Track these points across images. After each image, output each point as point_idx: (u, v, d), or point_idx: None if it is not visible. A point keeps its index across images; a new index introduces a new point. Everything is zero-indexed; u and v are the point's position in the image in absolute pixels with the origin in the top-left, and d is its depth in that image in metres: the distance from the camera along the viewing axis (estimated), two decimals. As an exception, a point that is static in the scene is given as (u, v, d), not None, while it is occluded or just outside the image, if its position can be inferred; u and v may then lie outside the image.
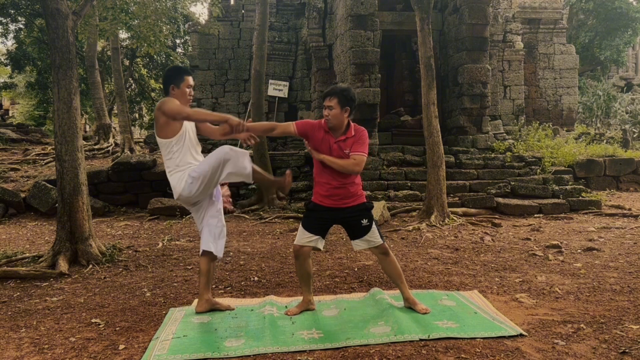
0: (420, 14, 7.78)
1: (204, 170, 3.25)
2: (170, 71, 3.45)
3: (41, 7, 5.34)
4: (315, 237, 3.40)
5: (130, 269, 4.95)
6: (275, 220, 8.13)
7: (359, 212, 3.35)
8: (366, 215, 3.36)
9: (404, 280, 3.49)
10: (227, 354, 2.78)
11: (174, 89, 3.31)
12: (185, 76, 3.35)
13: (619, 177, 11.08)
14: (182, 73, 3.38)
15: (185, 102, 3.34)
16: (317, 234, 3.40)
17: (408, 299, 3.44)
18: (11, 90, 23.31)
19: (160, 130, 3.29)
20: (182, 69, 3.49)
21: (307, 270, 3.47)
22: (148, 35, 9.09)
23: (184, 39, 20.17)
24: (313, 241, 3.40)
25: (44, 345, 2.96)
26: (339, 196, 3.33)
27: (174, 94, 3.31)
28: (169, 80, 3.34)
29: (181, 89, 3.32)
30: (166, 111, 3.20)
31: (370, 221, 3.36)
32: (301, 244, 3.41)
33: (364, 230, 3.35)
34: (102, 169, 9.86)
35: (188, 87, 3.35)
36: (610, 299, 3.67)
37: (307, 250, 3.43)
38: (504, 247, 5.77)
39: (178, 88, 3.32)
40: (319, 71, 13.04)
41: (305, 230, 3.41)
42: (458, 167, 10.11)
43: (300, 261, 3.44)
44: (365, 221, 3.34)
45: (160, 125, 3.27)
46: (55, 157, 5.35)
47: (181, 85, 3.32)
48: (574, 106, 15.09)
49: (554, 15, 14.64)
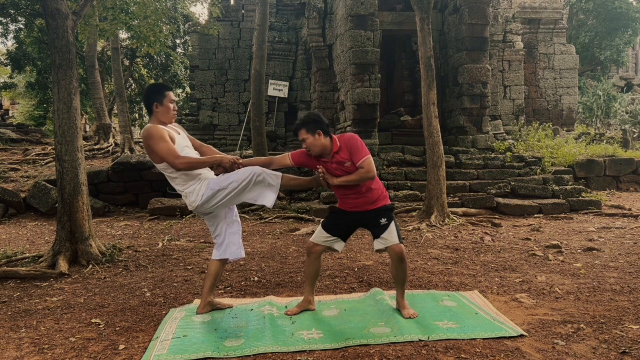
0: (420, 14, 7.78)
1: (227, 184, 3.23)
2: (150, 89, 3.45)
3: (41, 7, 5.33)
4: (332, 237, 3.41)
5: (130, 269, 4.95)
6: (275, 220, 8.13)
7: (380, 212, 3.33)
8: (386, 214, 3.33)
9: (404, 288, 3.44)
10: (227, 354, 2.78)
11: (157, 106, 3.28)
12: (166, 92, 3.33)
13: (619, 177, 11.08)
14: (163, 89, 3.36)
15: (171, 117, 3.34)
16: (335, 235, 3.41)
17: (399, 302, 3.42)
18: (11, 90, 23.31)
19: (155, 158, 3.26)
20: (161, 85, 3.50)
21: (314, 270, 3.47)
22: (148, 35, 9.09)
23: (184, 39, 20.17)
24: (329, 241, 3.42)
25: (44, 345, 2.96)
26: (360, 205, 3.34)
27: (158, 112, 3.29)
28: (151, 99, 3.30)
29: (164, 105, 3.29)
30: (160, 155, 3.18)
31: (389, 220, 3.32)
32: (315, 242, 3.43)
33: (382, 228, 3.32)
34: (102, 169, 9.85)
35: (171, 102, 3.33)
36: (610, 299, 3.67)
37: (320, 249, 3.44)
38: (504, 247, 5.77)
39: (161, 105, 3.29)
40: (319, 71, 13.04)
41: (324, 230, 3.43)
42: (458, 167, 10.11)
43: (311, 259, 3.45)
44: (383, 220, 3.31)
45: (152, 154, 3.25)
46: (55, 157, 5.35)
47: (164, 101, 3.29)
48: (574, 106, 15.10)
49: (554, 15, 14.64)
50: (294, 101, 14.35)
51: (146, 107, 3.37)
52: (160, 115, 3.31)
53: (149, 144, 3.20)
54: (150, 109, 3.32)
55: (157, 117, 3.31)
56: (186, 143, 3.38)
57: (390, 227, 3.32)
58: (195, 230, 7.31)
